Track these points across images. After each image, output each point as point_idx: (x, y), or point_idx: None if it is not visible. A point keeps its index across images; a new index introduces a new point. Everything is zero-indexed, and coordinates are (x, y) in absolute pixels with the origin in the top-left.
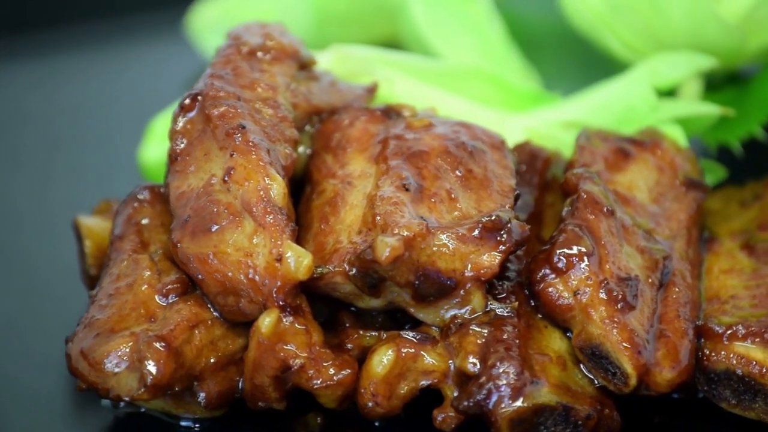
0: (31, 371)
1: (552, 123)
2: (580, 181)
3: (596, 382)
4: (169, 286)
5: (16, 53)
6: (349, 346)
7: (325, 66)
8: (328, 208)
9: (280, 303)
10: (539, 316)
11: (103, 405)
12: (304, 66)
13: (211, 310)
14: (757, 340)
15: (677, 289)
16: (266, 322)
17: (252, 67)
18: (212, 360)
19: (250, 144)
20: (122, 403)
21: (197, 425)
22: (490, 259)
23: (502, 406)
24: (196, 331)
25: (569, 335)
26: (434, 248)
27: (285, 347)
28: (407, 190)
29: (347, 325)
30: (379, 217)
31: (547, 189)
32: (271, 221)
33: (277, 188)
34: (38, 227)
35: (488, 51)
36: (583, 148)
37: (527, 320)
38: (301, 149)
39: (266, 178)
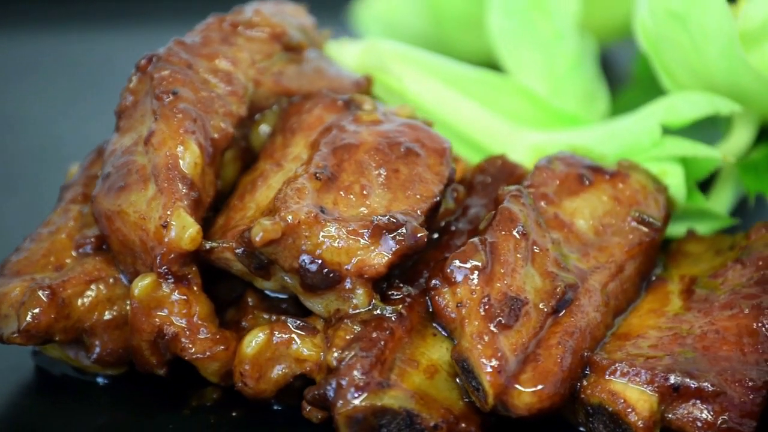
0: None
1: (558, 144)
2: (506, 198)
3: (466, 396)
4: (83, 240)
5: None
6: (245, 324)
7: (353, 57)
8: (250, 185)
9: (162, 269)
10: (434, 324)
11: (28, 351)
12: (290, 48)
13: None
14: (636, 379)
15: (572, 319)
16: (140, 285)
17: (224, 39)
18: (107, 317)
19: (175, 110)
20: (36, 348)
21: (106, 381)
22: (377, 258)
23: (341, 402)
24: (93, 286)
25: None
26: (321, 238)
27: (160, 313)
28: (318, 179)
29: (250, 303)
30: (277, 200)
31: None
32: (168, 188)
33: (189, 157)
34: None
35: (549, 69)
36: (538, 169)
37: (413, 325)
38: (263, 127)
39: (180, 146)
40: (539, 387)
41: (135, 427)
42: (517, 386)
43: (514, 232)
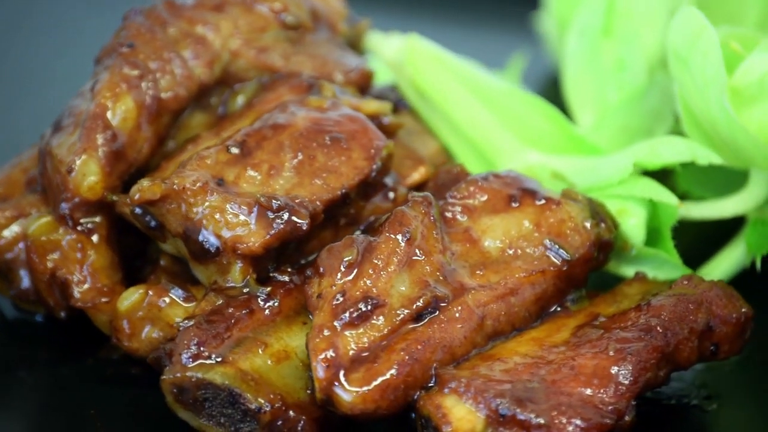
0: None
1: (546, 169)
2: (408, 202)
3: (311, 388)
4: (34, 176)
5: None
6: None
7: (391, 51)
8: (180, 150)
9: (63, 212)
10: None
11: None
12: (289, 27)
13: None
14: (467, 398)
15: (429, 330)
16: (36, 223)
17: (218, 6)
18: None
19: (123, 62)
20: None
21: (41, 320)
22: (253, 237)
23: (167, 368)
24: (21, 221)
25: None
26: (204, 209)
27: (54, 256)
28: (229, 152)
29: (161, 263)
30: (180, 165)
31: None
32: (86, 134)
33: (120, 110)
34: None
35: (599, 98)
36: (467, 182)
37: (282, 310)
38: (240, 98)
39: (114, 97)
40: (364, 388)
41: (37, 368)
42: (345, 384)
43: (398, 236)
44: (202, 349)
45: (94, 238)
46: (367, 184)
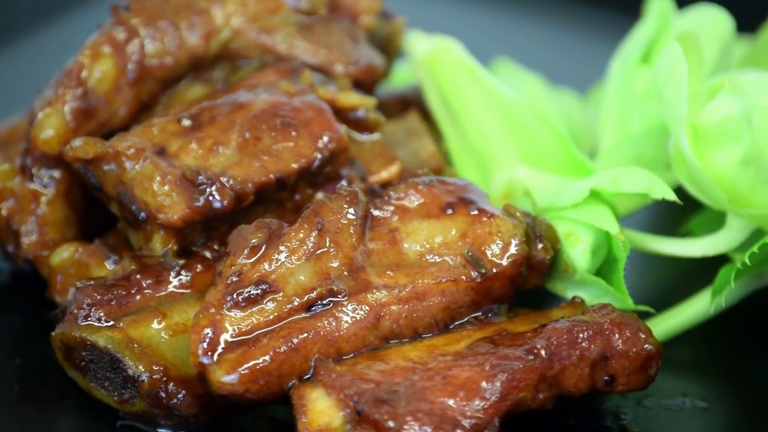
0: None
1: (521, 185)
2: (334, 194)
3: None
4: None
5: None
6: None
7: (421, 50)
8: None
9: (23, 162)
10: None
11: None
12: (302, 12)
13: None
14: (330, 393)
15: (318, 323)
16: None
17: None
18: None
19: (113, 24)
20: None
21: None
22: (174, 209)
23: (58, 325)
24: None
25: None
26: (134, 174)
27: (9, 204)
28: (179, 123)
29: (119, 226)
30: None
31: None
32: (55, 88)
33: (97, 69)
34: None
35: (621, 124)
36: (407, 184)
37: (194, 284)
38: (241, 74)
39: (92, 57)
40: (235, 370)
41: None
42: (217, 364)
43: (311, 226)
44: (93, 310)
45: (50, 191)
46: (313, 173)
